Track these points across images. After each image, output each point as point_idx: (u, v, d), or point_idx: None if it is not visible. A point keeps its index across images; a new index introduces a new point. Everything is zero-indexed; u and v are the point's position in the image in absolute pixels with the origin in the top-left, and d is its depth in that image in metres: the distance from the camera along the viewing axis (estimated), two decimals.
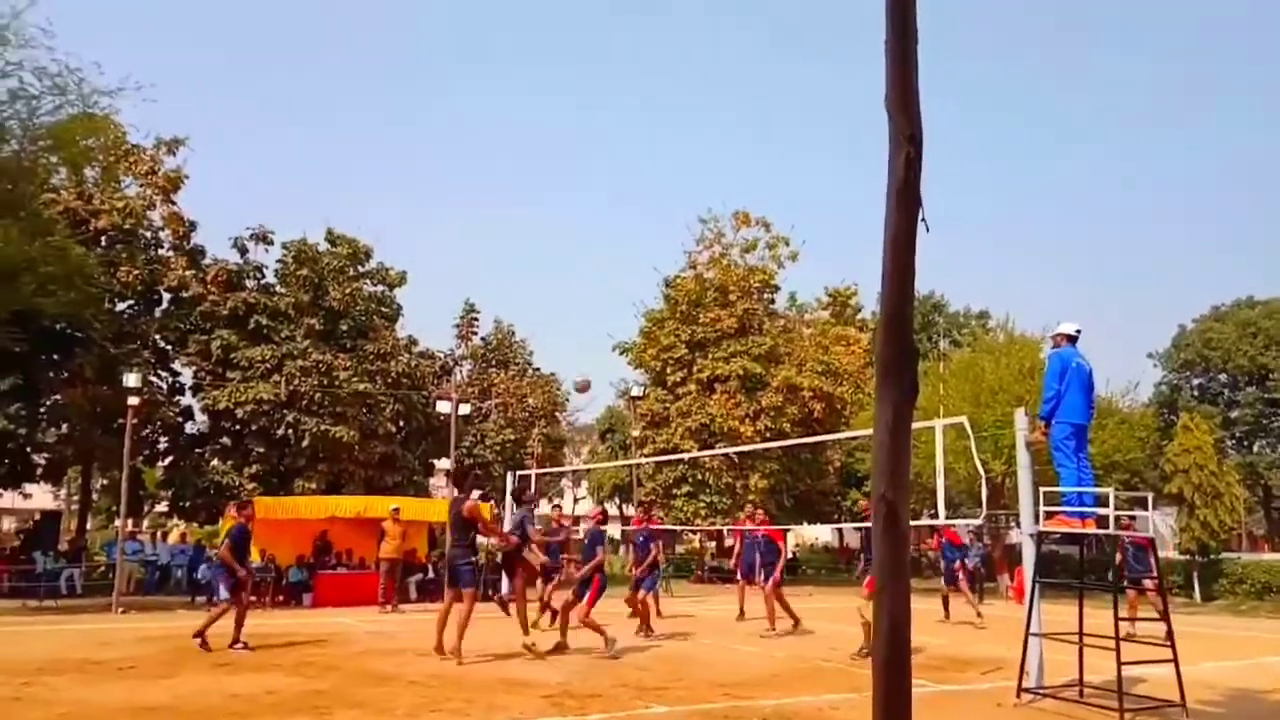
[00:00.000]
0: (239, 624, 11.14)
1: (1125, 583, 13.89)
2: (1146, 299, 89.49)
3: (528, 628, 10.81)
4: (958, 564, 17.00)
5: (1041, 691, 8.10)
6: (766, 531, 15.31)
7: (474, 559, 10.46)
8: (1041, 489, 8.51)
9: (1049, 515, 8.43)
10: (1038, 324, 30.29)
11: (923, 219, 3.47)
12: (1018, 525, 12.28)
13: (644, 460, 28.40)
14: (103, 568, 22.17)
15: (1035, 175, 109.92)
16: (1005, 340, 27.82)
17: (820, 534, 51.38)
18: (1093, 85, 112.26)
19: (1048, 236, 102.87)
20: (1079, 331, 8.73)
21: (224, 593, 11.42)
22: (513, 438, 32.14)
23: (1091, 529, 8.39)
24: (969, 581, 17.27)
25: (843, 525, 38.30)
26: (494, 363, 35.17)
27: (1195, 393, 40.26)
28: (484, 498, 35.39)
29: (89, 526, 31.31)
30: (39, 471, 24.89)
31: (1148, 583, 13.04)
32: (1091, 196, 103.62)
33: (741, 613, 15.98)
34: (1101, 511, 8.12)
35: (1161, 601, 9.04)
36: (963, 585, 16.81)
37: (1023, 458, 8.84)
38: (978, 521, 17.67)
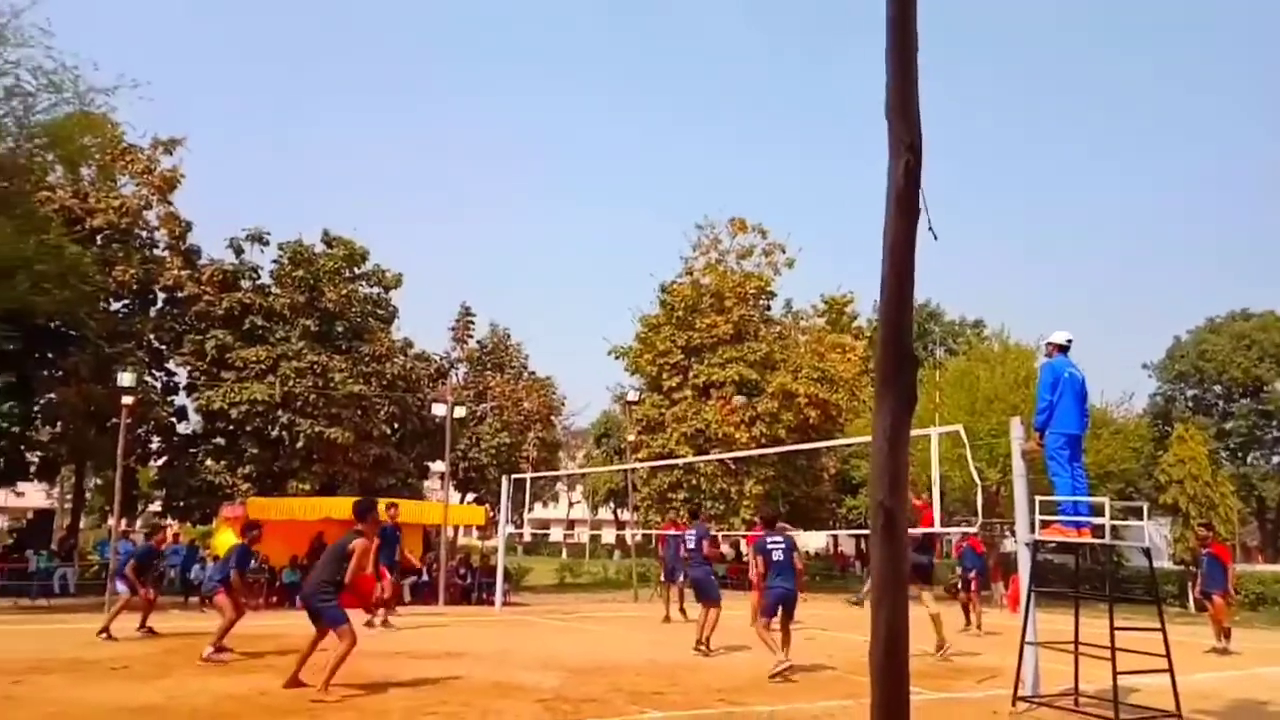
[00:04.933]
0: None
1: (1204, 593, 14.74)
2: (1141, 310, 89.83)
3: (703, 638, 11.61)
4: (973, 572, 16.86)
5: (1037, 700, 8.10)
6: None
7: (338, 597, 8.42)
8: (1037, 498, 8.50)
9: (1044, 524, 8.42)
10: (1033, 333, 30.37)
11: (929, 227, 3.47)
12: (1013, 534, 12.28)
13: (639, 465, 28.38)
14: (96, 567, 22.07)
15: (1031, 185, 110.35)
16: (1000, 349, 27.93)
17: (815, 540, 51.36)
18: (1091, 97, 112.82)
19: (1043, 246, 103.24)
20: (1070, 341, 8.71)
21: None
22: (508, 441, 32.13)
23: (1087, 538, 8.39)
24: (976, 590, 17.07)
25: (838, 532, 38.31)
26: (489, 366, 35.18)
27: (1190, 404, 40.33)
28: (479, 501, 35.12)
29: (82, 525, 31.21)
30: (32, 470, 24.81)
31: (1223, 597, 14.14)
32: (1087, 207, 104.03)
33: (668, 617, 16.45)
34: (1097, 521, 8.12)
35: (1158, 611, 9.02)
36: (973, 593, 16.69)
37: (1018, 467, 8.83)
38: (973, 530, 17.59)
